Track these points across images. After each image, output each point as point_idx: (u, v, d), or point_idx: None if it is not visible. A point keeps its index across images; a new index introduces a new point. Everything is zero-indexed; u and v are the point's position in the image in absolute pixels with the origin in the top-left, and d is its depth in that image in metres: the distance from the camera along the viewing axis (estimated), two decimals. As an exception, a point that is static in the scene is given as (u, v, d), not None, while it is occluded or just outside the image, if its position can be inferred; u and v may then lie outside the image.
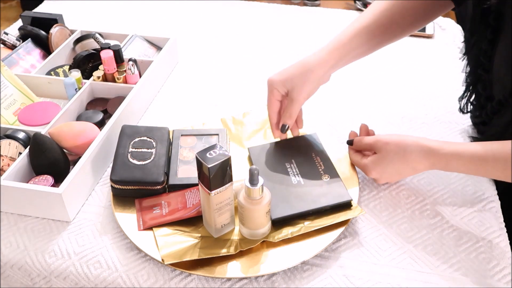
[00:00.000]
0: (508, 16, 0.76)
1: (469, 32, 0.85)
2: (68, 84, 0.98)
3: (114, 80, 1.05)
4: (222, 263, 0.72)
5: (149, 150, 0.85)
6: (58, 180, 0.81)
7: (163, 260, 0.71)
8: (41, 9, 1.45)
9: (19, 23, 1.27)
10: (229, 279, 0.71)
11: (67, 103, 0.97)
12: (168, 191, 0.83)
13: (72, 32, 1.20)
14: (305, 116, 1.00)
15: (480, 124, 0.91)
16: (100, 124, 0.94)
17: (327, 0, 1.54)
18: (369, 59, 1.19)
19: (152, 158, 0.84)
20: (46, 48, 1.17)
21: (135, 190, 0.81)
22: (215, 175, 0.68)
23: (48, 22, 1.18)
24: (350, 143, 0.88)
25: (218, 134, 0.91)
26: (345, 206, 0.79)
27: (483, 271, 0.72)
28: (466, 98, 0.93)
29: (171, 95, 1.11)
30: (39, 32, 1.17)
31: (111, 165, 0.86)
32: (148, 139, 0.87)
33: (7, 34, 1.15)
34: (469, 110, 0.94)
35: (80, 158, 0.84)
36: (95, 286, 0.74)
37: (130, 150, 0.85)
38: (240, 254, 0.73)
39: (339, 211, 0.78)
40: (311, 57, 0.86)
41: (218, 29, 1.36)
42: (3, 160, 0.85)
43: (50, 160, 0.84)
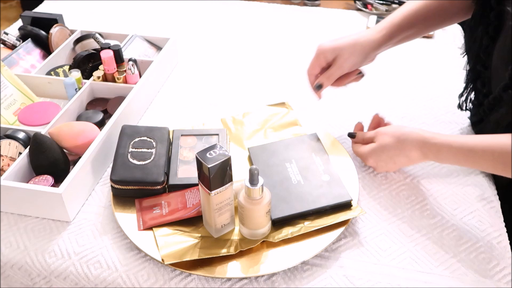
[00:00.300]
0: (508, 13, 0.76)
1: (470, 28, 0.85)
2: (68, 84, 0.98)
3: (114, 80, 1.05)
4: (222, 263, 0.72)
5: (149, 150, 0.85)
6: (58, 180, 0.81)
7: (163, 260, 0.71)
8: (41, 9, 1.45)
9: (19, 23, 1.27)
10: (229, 279, 0.71)
11: (67, 103, 0.97)
12: (168, 191, 0.83)
13: (72, 32, 1.20)
14: (305, 116, 1.00)
15: (477, 122, 0.91)
16: (100, 124, 0.94)
17: (327, 0, 1.53)
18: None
19: (152, 158, 0.84)
20: (46, 48, 1.17)
21: (135, 190, 0.81)
22: (215, 175, 0.68)
23: (48, 22, 1.18)
24: (352, 135, 0.90)
25: (218, 134, 0.91)
26: (345, 206, 0.79)
27: (483, 271, 0.72)
28: (466, 95, 0.94)
29: (171, 95, 1.10)
30: (39, 32, 1.17)
31: (111, 165, 0.86)
32: (148, 139, 0.87)
33: (7, 34, 1.15)
34: (467, 107, 0.94)
35: (80, 158, 0.84)
36: (95, 286, 0.74)
37: (130, 150, 0.85)
38: (240, 254, 0.73)
39: (339, 211, 0.78)
40: (363, 33, 0.90)
41: (218, 29, 1.36)
42: (3, 160, 0.85)
43: (50, 160, 0.83)
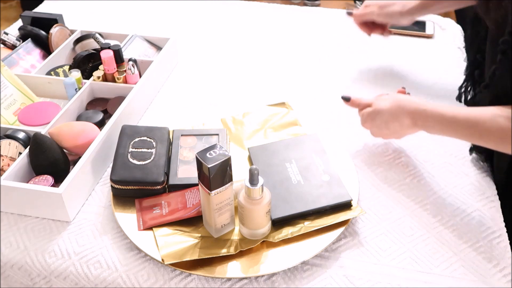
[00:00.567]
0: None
1: (472, 22, 0.86)
2: (68, 84, 0.98)
3: (114, 80, 1.05)
4: (222, 263, 0.72)
5: (149, 150, 0.85)
6: (58, 180, 0.81)
7: (163, 260, 0.71)
8: (41, 9, 1.45)
9: (19, 23, 1.27)
10: (229, 279, 0.71)
11: (67, 103, 0.97)
12: (168, 191, 0.83)
13: (72, 32, 1.20)
14: (305, 116, 1.00)
15: None
16: (100, 124, 0.94)
17: (327, 0, 1.53)
18: (369, 58, 1.20)
19: (152, 158, 0.84)
20: (46, 48, 1.17)
21: (135, 190, 0.81)
22: (215, 175, 0.68)
23: (48, 22, 1.18)
24: (346, 99, 0.92)
25: (218, 134, 0.91)
26: (345, 206, 0.79)
27: (483, 271, 0.72)
28: (464, 87, 0.96)
29: (171, 95, 1.10)
30: (39, 32, 1.17)
31: (111, 165, 0.86)
32: (148, 139, 0.87)
33: (7, 34, 1.15)
34: (466, 99, 0.95)
35: (80, 158, 0.84)
36: (95, 286, 0.74)
37: (130, 150, 0.85)
38: (240, 254, 0.73)
39: (339, 211, 0.78)
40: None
41: (218, 29, 1.36)
42: (3, 160, 0.85)
43: (50, 160, 0.83)
